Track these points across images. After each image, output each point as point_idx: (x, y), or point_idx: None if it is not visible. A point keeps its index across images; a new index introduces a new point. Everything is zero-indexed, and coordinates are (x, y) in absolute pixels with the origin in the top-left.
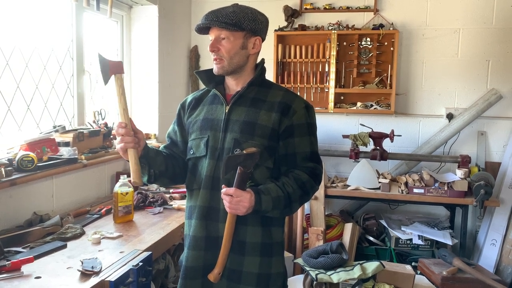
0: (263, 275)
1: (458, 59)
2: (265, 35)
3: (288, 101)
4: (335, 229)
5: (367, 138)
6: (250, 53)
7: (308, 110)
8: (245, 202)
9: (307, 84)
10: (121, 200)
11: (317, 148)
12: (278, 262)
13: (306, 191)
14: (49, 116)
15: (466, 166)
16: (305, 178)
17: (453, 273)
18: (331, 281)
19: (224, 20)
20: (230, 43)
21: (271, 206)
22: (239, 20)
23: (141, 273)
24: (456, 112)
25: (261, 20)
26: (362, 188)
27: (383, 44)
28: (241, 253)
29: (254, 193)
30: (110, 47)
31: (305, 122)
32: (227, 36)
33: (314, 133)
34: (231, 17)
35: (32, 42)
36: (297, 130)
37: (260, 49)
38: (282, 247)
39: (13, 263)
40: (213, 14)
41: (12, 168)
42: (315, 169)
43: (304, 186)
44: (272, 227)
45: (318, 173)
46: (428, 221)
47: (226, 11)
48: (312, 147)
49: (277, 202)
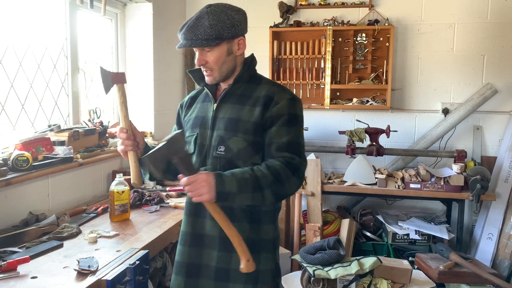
0: (252, 272)
1: (453, 54)
2: (246, 30)
3: (272, 93)
4: (332, 225)
5: (363, 134)
6: (236, 55)
7: (293, 102)
8: (202, 182)
9: (303, 80)
10: (117, 199)
11: (299, 140)
12: (267, 259)
13: (280, 179)
14: (44, 115)
15: (462, 161)
16: (278, 166)
17: (450, 268)
18: (329, 277)
19: (204, 37)
20: (216, 54)
21: (236, 187)
22: (219, 32)
23: (138, 271)
24: (452, 107)
25: (239, 21)
26: (359, 184)
27: (379, 40)
28: (228, 250)
29: (214, 174)
30: (104, 45)
31: (286, 113)
32: (211, 48)
33: (296, 124)
34: (210, 32)
35: (26, 40)
36: (276, 120)
37: (245, 46)
38: (273, 244)
39: (9, 263)
40: (191, 32)
41: (7, 168)
42: (292, 159)
43: (277, 173)
44: (261, 224)
45: (295, 164)
46: (424, 216)
47: (203, 25)
48: (291, 137)
49: (243, 183)
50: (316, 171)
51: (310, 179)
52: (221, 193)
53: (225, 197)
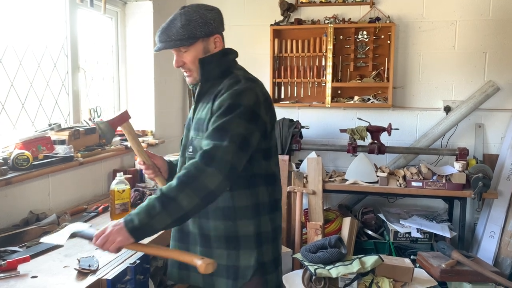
0: (231, 267)
1: (455, 52)
2: (222, 28)
3: (224, 86)
4: (334, 224)
5: (365, 132)
6: (214, 52)
7: (240, 92)
8: (110, 232)
9: (304, 78)
10: (118, 198)
11: (230, 126)
12: (247, 255)
13: (189, 179)
14: (44, 114)
15: (464, 159)
16: (188, 165)
17: (452, 266)
18: (330, 275)
19: (177, 38)
20: (192, 54)
21: (145, 216)
22: (191, 31)
23: (139, 271)
24: (454, 104)
25: (212, 19)
26: (360, 182)
27: (380, 38)
28: (208, 246)
29: (124, 217)
30: (104, 43)
31: (226, 103)
32: (186, 49)
33: (232, 112)
34: (182, 32)
35: (26, 39)
36: (216, 111)
37: (223, 43)
38: (254, 240)
39: (9, 263)
40: (165, 34)
41: (7, 167)
42: (207, 150)
43: (186, 174)
44: (237, 221)
45: (209, 153)
46: (426, 214)
47: (176, 26)
48: (219, 124)
49: (150, 207)
50: (317, 170)
51: (311, 178)
52: (135, 229)
53: (141, 231)
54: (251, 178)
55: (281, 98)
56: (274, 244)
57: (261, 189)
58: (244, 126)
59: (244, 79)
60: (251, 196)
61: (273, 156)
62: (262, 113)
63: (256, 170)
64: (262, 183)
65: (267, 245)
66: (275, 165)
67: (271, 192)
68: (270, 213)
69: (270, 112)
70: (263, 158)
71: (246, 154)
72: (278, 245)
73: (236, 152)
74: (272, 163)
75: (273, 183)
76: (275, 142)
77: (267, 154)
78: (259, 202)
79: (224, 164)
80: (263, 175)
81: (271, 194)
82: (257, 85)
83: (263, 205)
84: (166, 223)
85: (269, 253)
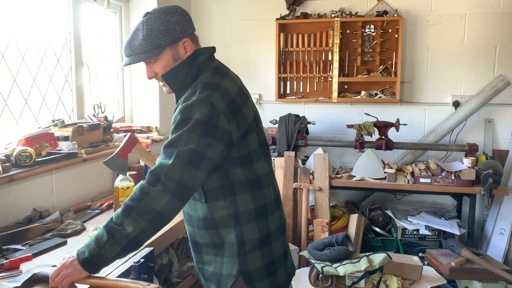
0: (217, 274)
1: (464, 45)
2: (190, 30)
3: (182, 99)
4: (340, 221)
5: (372, 127)
6: (184, 58)
7: (194, 105)
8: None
9: (310, 73)
10: (122, 195)
11: (177, 144)
12: (229, 264)
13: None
14: (47, 110)
15: (473, 155)
16: (136, 187)
17: (462, 264)
18: (337, 273)
19: (141, 51)
20: (162, 64)
21: (94, 246)
22: (154, 42)
23: (143, 269)
24: (463, 99)
25: (176, 23)
26: (368, 178)
27: (387, 31)
28: (199, 252)
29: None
30: (108, 39)
31: (178, 117)
32: (155, 59)
33: (182, 127)
34: (145, 44)
35: (28, 34)
36: (172, 125)
37: (194, 45)
38: (236, 248)
39: (11, 262)
40: (129, 48)
41: (10, 164)
42: (155, 169)
43: (133, 197)
44: (219, 229)
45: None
46: (434, 211)
47: (138, 38)
48: (169, 141)
49: (99, 237)
50: (324, 166)
51: (318, 174)
52: (86, 261)
53: (94, 262)
54: (228, 187)
55: (286, 93)
56: (266, 249)
57: (241, 197)
58: (195, 141)
59: (201, 88)
60: (229, 206)
61: (255, 160)
62: (222, 123)
63: (233, 178)
64: (243, 190)
65: (254, 252)
66: (263, 167)
67: (257, 197)
68: (258, 220)
69: (238, 117)
70: (239, 166)
71: (199, 169)
72: (273, 250)
73: (183, 169)
74: (257, 166)
75: (260, 188)
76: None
77: (245, 160)
78: (239, 211)
79: (169, 182)
80: (244, 182)
81: (258, 200)
82: (217, 91)
83: (245, 213)
84: (116, 251)
85: (256, 260)
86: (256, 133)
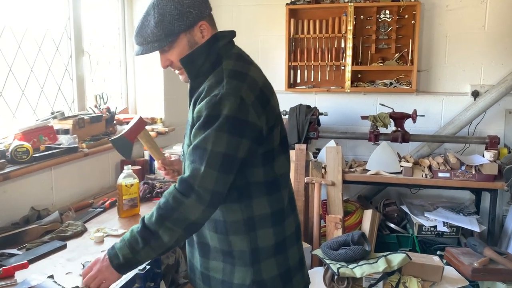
0: (227, 283)
1: (485, 32)
2: (207, 11)
3: (206, 87)
4: (354, 216)
5: (388, 119)
6: (201, 43)
7: (218, 99)
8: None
9: (322, 61)
10: (125, 193)
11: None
12: (242, 273)
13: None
14: (46, 101)
15: (495, 148)
16: (167, 195)
17: (485, 264)
18: (354, 275)
19: (154, 39)
20: (177, 51)
21: (129, 251)
22: (168, 28)
23: (149, 277)
24: (482, 89)
25: (190, 5)
26: (383, 172)
27: (404, 17)
28: (206, 257)
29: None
30: (110, 26)
31: (203, 114)
32: (169, 47)
33: (209, 127)
34: (157, 32)
35: (25, 20)
36: (196, 122)
37: (212, 28)
38: (248, 256)
39: (5, 270)
40: (140, 36)
41: (5, 160)
42: (188, 178)
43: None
44: (230, 235)
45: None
46: (452, 206)
47: (149, 26)
48: (196, 143)
49: (133, 242)
50: (336, 159)
51: (330, 168)
52: (120, 266)
53: (127, 266)
54: (244, 189)
55: (297, 82)
56: (281, 256)
57: (258, 201)
58: (225, 142)
59: (228, 77)
60: (244, 209)
61: (276, 156)
62: (252, 117)
63: (251, 179)
64: (259, 194)
65: (268, 260)
66: (283, 166)
67: (275, 201)
68: (274, 226)
69: (266, 110)
70: (261, 165)
71: (230, 174)
72: (290, 255)
73: (216, 177)
74: (276, 165)
75: (278, 190)
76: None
77: (267, 157)
78: (254, 216)
79: (204, 193)
80: (261, 184)
81: (275, 203)
82: (246, 81)
83: (261, 218)
84: (151, 257)
85: (271, 268)
86: (280, 127)
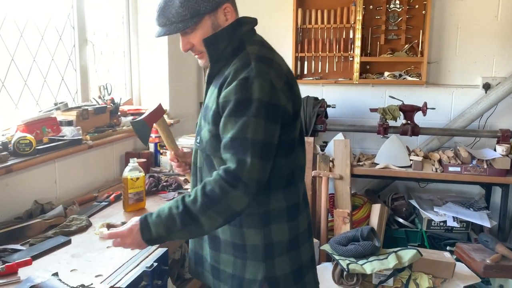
0: (237, 277)
1: (497, 23)
2: None
3: (231, 71)
4: (362, 211)
5: (398, 111)
6: (226, 25)
7: (245, 82)
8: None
9: (330, 52)
10: (131, 187)
11: (247, 135)
12: (254, 267)
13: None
14: (49, 92)
15: (507, 142)
16: (212, 182)
17: (497, 261)
18: (364, 271)
19: (178, 20)
20: (200, 34)
21: (163, 230)
22: (193, 8)
23: (156, 274)
24: (494, 81)
25: None
26: (392, 166)
27: (414, 7)
28: (216, 249)
29: (139, 221)
30: (115, 14)
31: (233, 98)
32: (192, 29)
33: (244, 114)
34: (182, 12)
35: (27, 9)
36: (224, 107)
37: (235, 12)
38: (261, 251)
39: (8, 267)
40: (163, 16)
41: (7, 153)
42: (235, 169)
43: (211, 194)
44: (243, 228)
45: (233, 173)
46: (462, 201)
47: (174, 5)
48: (234, 132)
49: (170, 223)
50: (344, 153)
51: (338, 161)
52: (151, 240)
53: (157, 241)
54: None
55: (304, 74)
56: (294, 253)
57: (275, 193)
58: (262, 129)
59: (255, 60)
60: (260, 203)
61: (296, 146)
62: (282, 101)
63: (273, 170)
64: (277, 186)
65: (282, 256)
66: (300, 157)
67: (291, 194)
68: (289, 221)
69: (292, 95)
70: (284, 155)
71: (270, 161)
72: (302, 252)
73: (261, 166)
74: (295, 156)
75: (294, 183)
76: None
77: (290, 147)
78: (270, 209)
79: (251, 184)
80: (281, 175)
81: (291, 197)
82: (273, 66)
83: (277, 212)
84: (184, 238)
85: (284, 264)
86: (299, 115)
